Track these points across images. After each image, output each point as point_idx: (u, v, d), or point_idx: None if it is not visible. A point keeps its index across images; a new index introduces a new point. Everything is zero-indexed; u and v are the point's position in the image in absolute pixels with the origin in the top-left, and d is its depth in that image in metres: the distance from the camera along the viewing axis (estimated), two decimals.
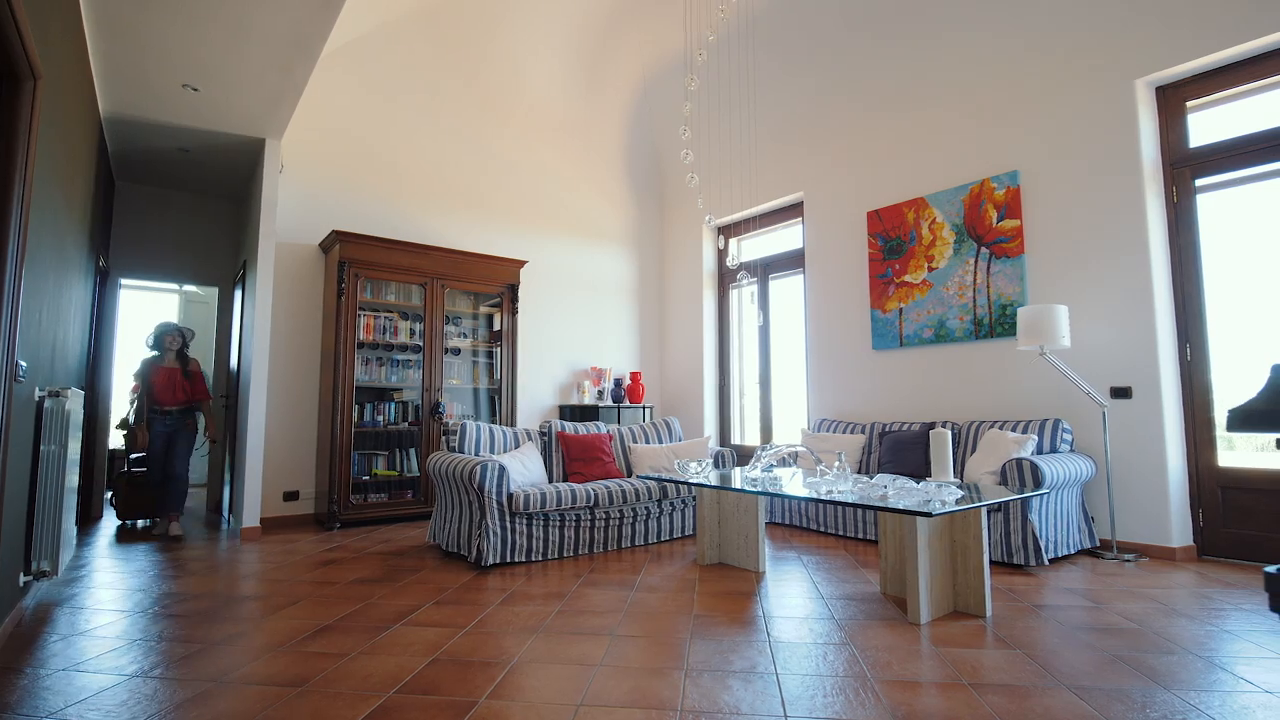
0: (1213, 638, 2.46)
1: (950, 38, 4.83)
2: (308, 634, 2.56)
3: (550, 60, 6.27)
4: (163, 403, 4.80)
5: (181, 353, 4.96)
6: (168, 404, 4.81)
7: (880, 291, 5.27)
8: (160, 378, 4.82)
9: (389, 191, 5.67)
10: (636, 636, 2.52)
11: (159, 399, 4.79)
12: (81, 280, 4.03)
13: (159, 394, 4.80)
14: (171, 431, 4.82)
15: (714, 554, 3.75)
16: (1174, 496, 3.78)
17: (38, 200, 2.60)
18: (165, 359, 4.92)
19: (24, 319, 2.48)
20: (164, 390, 4.81)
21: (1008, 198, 4.52)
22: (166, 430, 4.81)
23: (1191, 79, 3.88)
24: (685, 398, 7.06)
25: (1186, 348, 3.87)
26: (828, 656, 2.30)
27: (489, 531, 3.64)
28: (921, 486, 2.85)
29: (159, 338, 4.92)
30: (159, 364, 4.86)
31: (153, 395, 4.78)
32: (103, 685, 2.08)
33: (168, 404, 4.81)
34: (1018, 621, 2.67)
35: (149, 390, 4.78)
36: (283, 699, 1.97)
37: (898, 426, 4.78)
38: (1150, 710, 1.87)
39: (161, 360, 4.90)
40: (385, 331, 5.27)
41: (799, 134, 6.02)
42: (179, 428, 4.86)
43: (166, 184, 5.81)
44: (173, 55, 3.74)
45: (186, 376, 4.90)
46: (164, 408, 4.80)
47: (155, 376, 4.80)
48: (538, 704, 1.93)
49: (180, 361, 4.94)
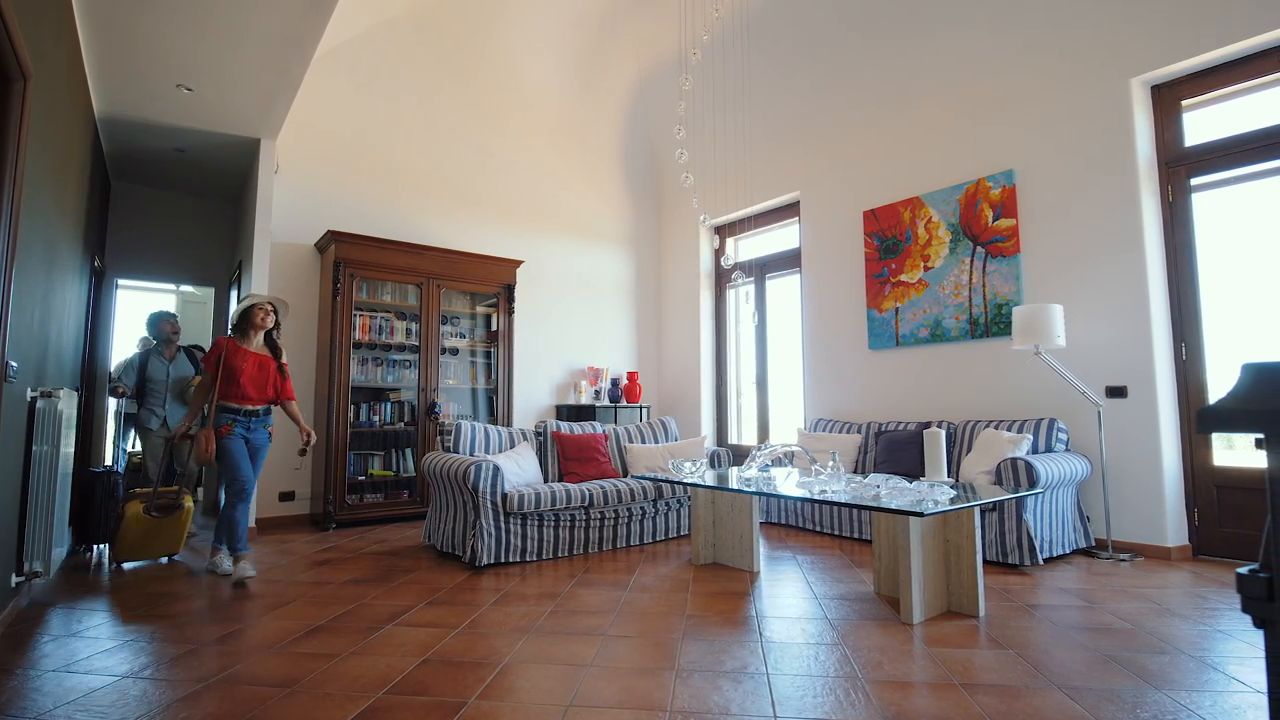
0: (1206, 637, 2.46)
1: (945, 37, 4.83)
2: (299, 634, 2.55)
3: (546, 60, 6.27)
4: (250, 400, 3.57)
5: (271, 336, 3.76)
6: (255, 402, 3.60)
7: (876, 291, 5.27)
8: (248, 365, 3.58)
9: (385, 192, 5.67)
10: (628, 637, 2.52)
11: (244, 394, 3.55)
12: (75, 281, 4.03)
13: (246, 388, 3.55)
14: (257, 442, 3.65)
15: (709, 554, 3.75)
16: (1169, 496, 3.77)
17: (29, 201, 2.59)
18: (251, 340, 3.68)
19: (15, 319, 2.48)
20: (254, 383, 3.58)
21: (1003, 197, 4.52)
22: (249, 438, 3.59)
23: (1187, 78, 3.88)
24: (682, 398, 7.06)
25: (1182, 347, 3.87)
26: (819, 657, 2.30)
27: (483, 532, 3.63)
28: (914, 486, 2.85)
29: (247, 312, 3.67)
30: (242, 346, 3.62)
31: (231, 389, 3.53)
32: (93, 686, 2.08)
33: (255, 402, 3.60)
34: (1011, 621, 2.67)
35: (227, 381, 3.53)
36: (272, 699, 1.96)
37: (893, 426, 4.78)
38: (1141, 710, 1.86)
39: (245, 342, 3.65)
40: (381, 332, 5.26)
41: (795, 134, 6.02)
42: (264, 437, 3.69)
43: (162, 184, 5.80)
44: (166, 55, 3.74)
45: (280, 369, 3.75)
46: (247, 408, 3.56)
47: (238, 362, 3.55)
48: (527, 704, 1.92)
49: (271, 349, 3.75)
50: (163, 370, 4.70)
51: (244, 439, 3.54)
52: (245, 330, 3.65)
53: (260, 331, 3.68)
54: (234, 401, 3.52)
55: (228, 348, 3.57)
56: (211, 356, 3.57)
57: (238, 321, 3.67)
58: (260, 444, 3.66)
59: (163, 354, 4.72)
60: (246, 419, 3.57)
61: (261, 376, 3.62)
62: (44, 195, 2.91)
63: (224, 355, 3.54)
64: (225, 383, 3.52)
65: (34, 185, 2.68)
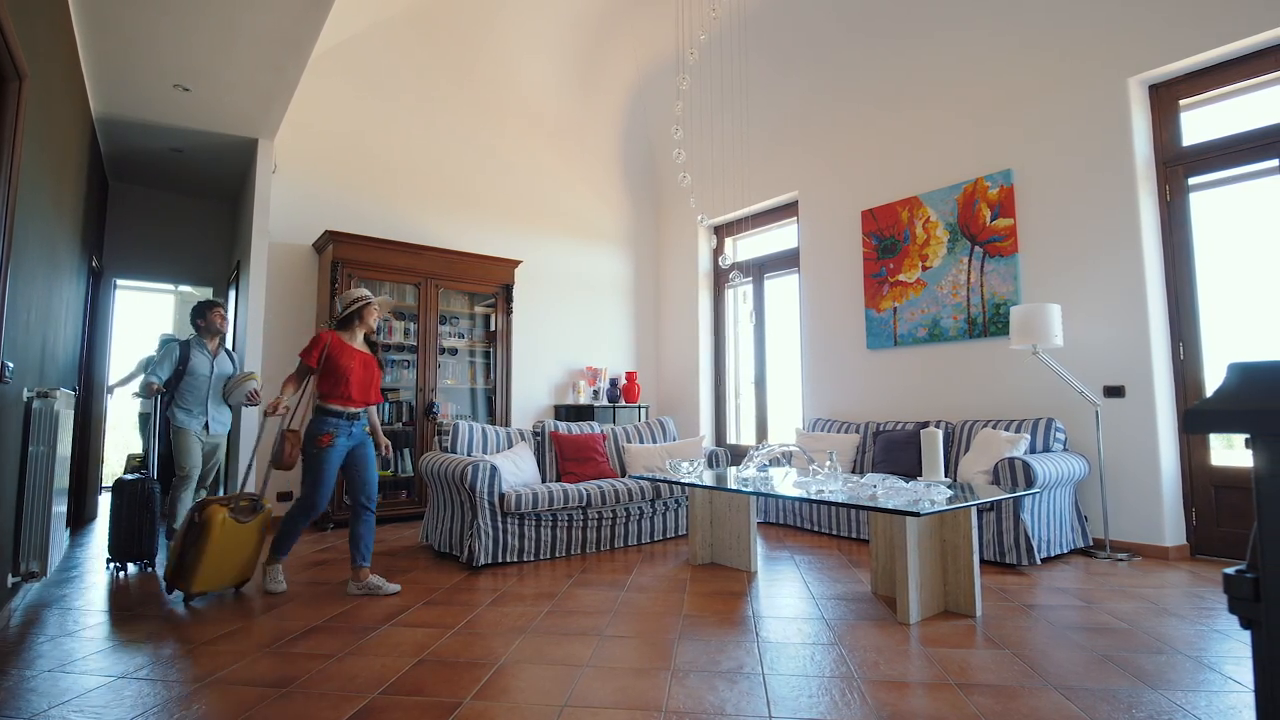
0: (1203, 637, 2.46)
1: (943, 37, 4.82)
2: (295, 634, 2.55)
3: (544, 60, 6.26)
4: (354, 403, 3.24)
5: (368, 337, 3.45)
6: (358, 405, 3.27)
7: (874, 291, 5.27)
8: (356, 365, 3.24)
9: (383, 192, 5.66)
10: (625, 637, 2.51)
11: (350, 397, 3.21)
12: (73, 281, 4.03)
13: (353, 390, 3.22)
14: (360, 447, 3.32)
15: (706, 554, 3.75)
16: (1167, 496, 3.77)
17: (24, 201, 2.59)
18: (355, 336, 3.36)
19: (10, 320, 2.47)
20: (360, 385, 3.25)
21: (1001, 196, 4.52)
22: (352, 445, 3.28)
23: (1184, 77, 3.88)
24: (681, 397, 7.05)
25: (1179, 346, 3.86)
26: (815, 657, 2.29)
27: (480, 532, 3.63)
28: (911, 486, 2.84)
29: (359, 308, 3.34)
30: (347, 343, 3.29)
31: (338, 389, 3.19)
32: (88, 686, 2.08)
33: (358, 405, 3.27)
34: (1008, 621, 2.67)
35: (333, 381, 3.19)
36: (266, 700, 1.96)
37: (891, 426, 4.78)
38: (1137, 711, 1.86)
39: (350, 339, 3.33)
40: (379, 332, 5.25)
41: (793, 133, 6.01)
42: (364, 440, 3.35)
43: (160, 184, 5.80)
44: (163, 55, 3.74)
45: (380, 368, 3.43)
46: (350, 410, 3.23)
47: (346, 360, 3.21)
48: (522, 705, 1.92)
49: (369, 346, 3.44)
50: (207, 365, 4.12)
51: (348, 447, 3.25)
52: (350, 326, 3.34)
53: (363, 330, 3.39)
54: (339, 403, 3.19)
55: (333, 343, 3.23)
56: (314, 351, 3.21)
57: (343, 316, 3.33)
58: (369, 446, 3.36)
59: (206, 347, 4.16)
60: (349, 423, 3.23)
61: (366, 377, 3.29)
62: (41, 195, 2.91)
63: (329, 351, 3.20)
64: (330, 382, 3.18)
65: (30, 185, 2.68)
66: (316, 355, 3.21)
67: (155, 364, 4.01)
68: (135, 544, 3.57)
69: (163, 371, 3.97)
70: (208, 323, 4.16)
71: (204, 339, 4.16)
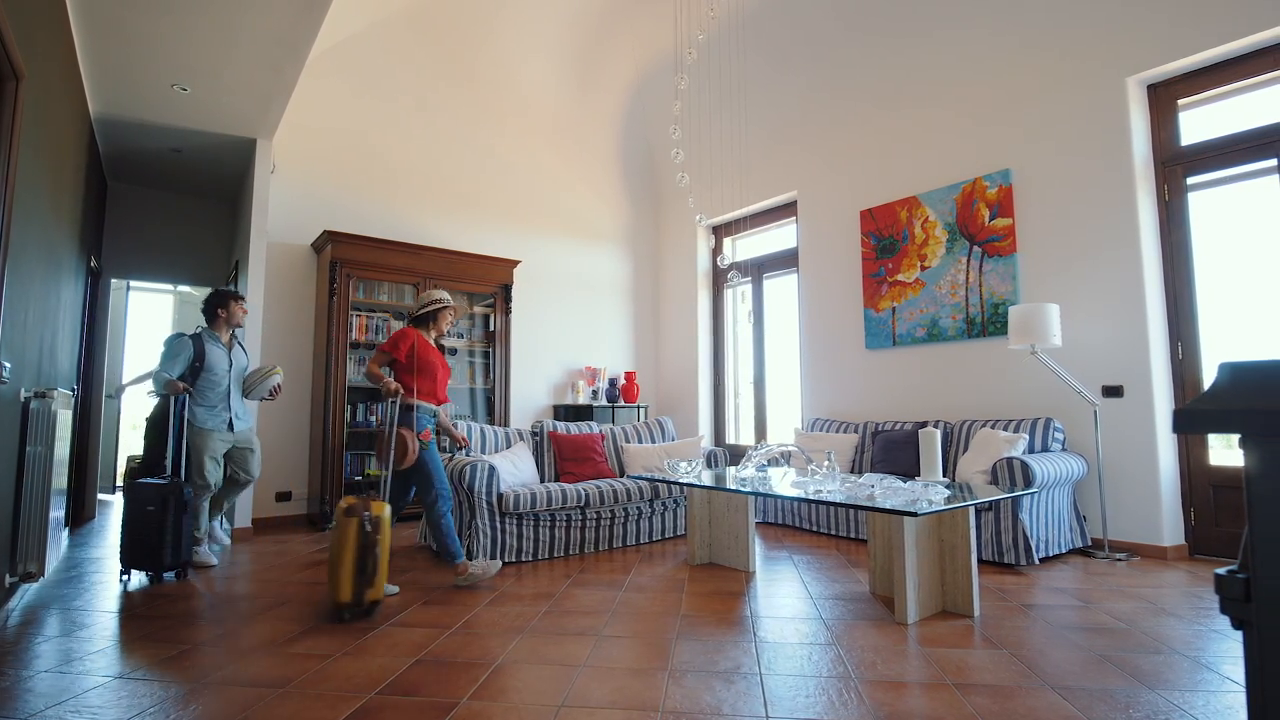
0: (1201, 637, 2.46)
1: (942, 36, 4.82)
2: (293, 635, 2.55)
3: (543, 60, 6.26)
4: (439, 400, 3.30)
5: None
6: (442, 401, 3.32)
7: (873, 290, 5.27)
8: (440, 363, 3.30)
9: (382, 192, 5.66)
10: (622, 637, 2.51)
11: (437, 394, 3.27)
12: (71, 281, 4.03)
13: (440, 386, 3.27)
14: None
15: (705, 554, 3.75)
16: (1165, 495, 3.77)
17: (21, 201, 2.59)
18: (431, 330, 3.38)
19: (7, 320, 2.47)
20: (443, 384, 3.35)
21: (1000, 196, 4.52)
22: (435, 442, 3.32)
23: (1182, 77, 3.88)
24: (680, 397, 7.05)
25: (1178, 346, 3.86)
26: (813, 657, 2.29)
27: (479, 532, 3.63)
28: (909, 486, 2.84)
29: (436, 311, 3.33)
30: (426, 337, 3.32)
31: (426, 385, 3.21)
32: (86, 686, 2.07)
33: (442, 401, 3.32)
34: (1006, 621, 2.67)
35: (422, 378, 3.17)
36: (263, 700, 1.96)
37: (890, 426, 4.77)
38: (1134, 710, 1.86)
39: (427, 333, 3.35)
40: (378, 332, 5.26)
41: (792, 133, 6.01)
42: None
43: (159, 184, 5.80)
44: (161, 55, 3.74)
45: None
46: (435, 407, 3.29)
47: (434, 358, 3.25)
48: (519, 705, 1.92)
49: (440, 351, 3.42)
50: (224, 358, 3.86)
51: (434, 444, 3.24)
52: (424, 326, 3.35)
53: (434, 333, 3.38)
54: (429, 400, 3.22)
55: (419, 341, 3.22)
56: (403, 346, 3.18)
57: (420, 317, 3.33)
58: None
59: (219, 339, 3.89)
60: (433, 420, 3.26)
61: (444, 377, 3.34)
62: (38, 195, 2.91)
63: (417, 348, 3.18)
64: (422, 379, 3.16)
65: (27, 185, 2.68)
66: (405, 350, 3.18)
67: (167, 362, 3.68)
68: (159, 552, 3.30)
69: (176, 369, 3.68)
70: (229, 314, 3.88)
71: (217, 331, 3.88)
